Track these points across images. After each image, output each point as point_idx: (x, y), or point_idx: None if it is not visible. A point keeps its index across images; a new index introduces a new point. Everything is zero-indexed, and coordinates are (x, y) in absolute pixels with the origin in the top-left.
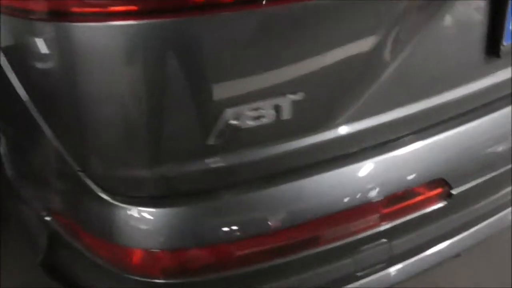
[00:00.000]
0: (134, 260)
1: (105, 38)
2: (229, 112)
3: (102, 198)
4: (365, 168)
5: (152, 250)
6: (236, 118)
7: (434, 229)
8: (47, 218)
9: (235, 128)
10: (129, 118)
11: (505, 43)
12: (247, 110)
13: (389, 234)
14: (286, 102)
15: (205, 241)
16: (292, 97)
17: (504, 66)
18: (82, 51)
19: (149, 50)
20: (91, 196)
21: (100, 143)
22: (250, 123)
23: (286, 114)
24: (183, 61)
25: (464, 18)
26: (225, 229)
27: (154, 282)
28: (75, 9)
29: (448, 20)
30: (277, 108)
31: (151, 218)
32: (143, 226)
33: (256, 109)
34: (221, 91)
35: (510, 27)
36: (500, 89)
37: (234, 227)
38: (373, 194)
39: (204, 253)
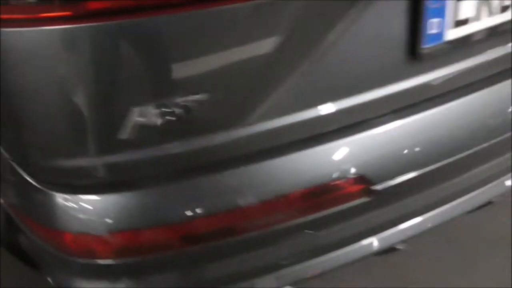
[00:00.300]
0: (74, 244)
1: (34, 42)
2: (136, 110)
3: (39, 188)
4: (284, 163)
5: (89, 234)
6: (143, 116)
7: (359, 224)
8: (2, 204)
9: (144, 125)
10: (50, 116)
11: (424, 46)
12: (153, 109)
13: (313, 225)
14: (192, 102)
15: (138, 225)
16: (197, 97)
17: (426, 69)
18: (12, 54)
19: (72, 53)
20: (31, 186)
21: (26, 137)
22: (158, 120)
23: (194, 113)
24: (97, 62)
25: (384, 19)
26: (153, 215)
27: (97, 263)
28: (3, 16)
29: (367, 20)
30: (184, 107)
31: (85, 204)
32: (77, 212)
33: (161, 107)
34: (128, 91)
35: (429, 31)
36: (423, 91)
37: (160, 214)
38: (292, 187)
39: (139, 235)
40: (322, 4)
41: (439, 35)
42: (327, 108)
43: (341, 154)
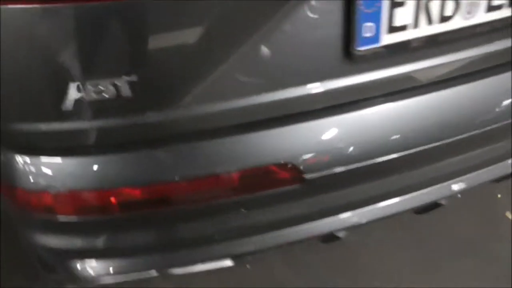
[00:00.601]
0: (35, 201)
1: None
2: (73, 85)
3: (3, 150)
4: (217, 145)
5: (49, 192)
6: (81, 91)
7: (291, 208)
8: None
9: (82, 99)
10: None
11: (359, 48)
12: (88, 86)
13: (247, 205)
14: (122, 83)
15: (92, 187)
16: (128, 78)
17: (362, 70)
18: None
19: (28, 30)
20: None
21: None
22: (94, 96)
23: (125, 92)
24: (44, 42)
25: (319, 19)
26: (100, 179)
27: (57, 221)
28: None
29: (301, 18)
30: (115, 86)
31: (44, 165)
32: (37, 172)
33: (96, 85)
34: (67, 68)
35: (364, 34)
36: (359, 91)
37: (105, 179)
38: (225, 167)
39: (90, 196)
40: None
41: (375, 38)
42: (263, 98)
43: (274, 143)
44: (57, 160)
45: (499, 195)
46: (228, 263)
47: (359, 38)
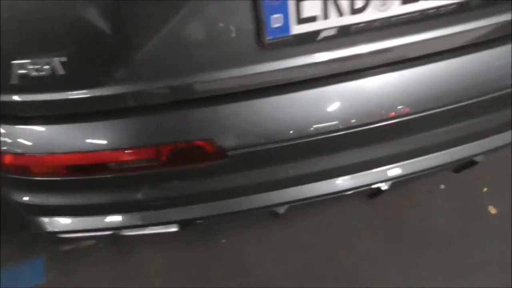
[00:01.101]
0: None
1: None
2: (15, 63)
3: None
4: (138, 121)
5: (26, 155)
6: (22, 69)
7: (219, 182)
8: None
9: (25, 75)
10: None
11: (269, 37)
12: (28, 65)
13: (178, 177)
14: (55, 62)
15: (37, 152)
16: (59, 58)
17: (273, 57)
18: None
19: None
20: None
21: None
22: (34, 73)
23: (60, 70)
24: None
25: (234, 8)
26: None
27: (34, 180)
28: None
29: (217, 7)
30: (50, 65)
31: (21, 132)
32: (15, 138)
33: (34, 64)
34: (9, 48)
35: (273, 25)
36: (272, 77)
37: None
38: (148, 140)
39: (41, 159)
40: None
41: (284, 28)
42: (184, 80)
43: (197, 121)
44: (13, 127)
45: (485, 189)
46: (174, 228)
47: (268, 28)
